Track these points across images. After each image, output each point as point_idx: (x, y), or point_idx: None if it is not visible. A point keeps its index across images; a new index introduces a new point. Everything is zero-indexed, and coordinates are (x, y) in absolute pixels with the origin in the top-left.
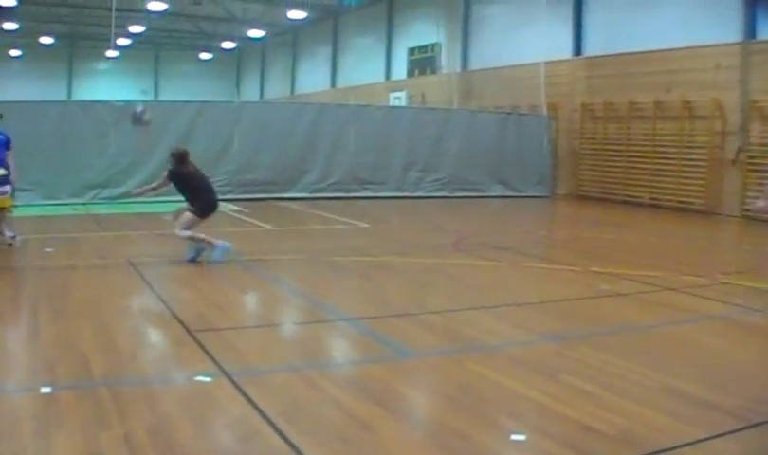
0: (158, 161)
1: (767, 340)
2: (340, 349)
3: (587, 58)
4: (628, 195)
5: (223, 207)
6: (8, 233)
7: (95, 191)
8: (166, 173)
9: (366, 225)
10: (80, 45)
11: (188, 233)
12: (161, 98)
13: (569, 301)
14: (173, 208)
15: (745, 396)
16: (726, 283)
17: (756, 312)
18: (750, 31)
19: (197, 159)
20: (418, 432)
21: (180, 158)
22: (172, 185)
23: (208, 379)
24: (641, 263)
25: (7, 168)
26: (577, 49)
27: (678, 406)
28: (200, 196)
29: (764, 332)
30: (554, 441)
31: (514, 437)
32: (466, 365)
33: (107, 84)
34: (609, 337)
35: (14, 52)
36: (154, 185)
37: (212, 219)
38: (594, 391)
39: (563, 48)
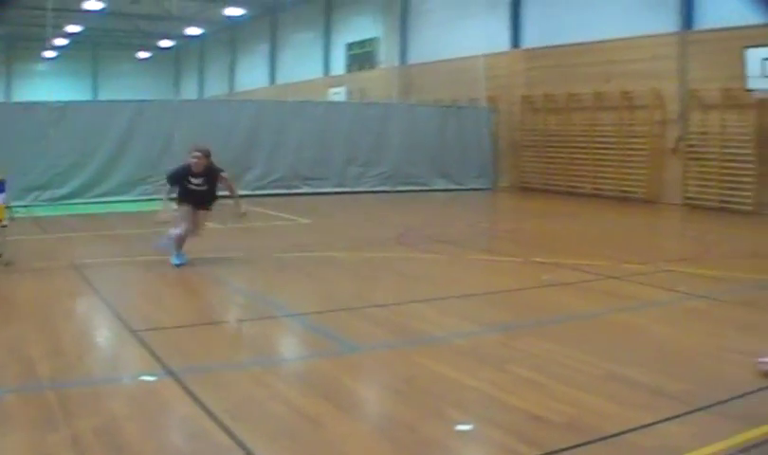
0: (100, 161)
1: (710, 326)
2: (287, 345)
3: (526, 50)
4: (570, 186)
5: (168, 205)
6: None
7: (35, 193)
8: (226, 175)
9: (309, 221)
10: (17, 46)
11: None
12: (100, 97)
13: (513, 292)
14: (107, 208)
15: (690, 381)
16: (669, 271)
17: (699, 298)
18: (687, 21)
19: (137, 158)
20: (366, 426)
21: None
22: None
23: (153, 379)
24: (584, 253)
25: None
26: (516, 42)
27: (624, 392)
28: None
29: (707, 317)
30: (501, 430)
31: (460, 427)
32: (412, 358)
33: (46, 85)
34: (553, 327)
35: None
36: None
37: (145, 219)
38: (539, 380)
39: (502, 41)
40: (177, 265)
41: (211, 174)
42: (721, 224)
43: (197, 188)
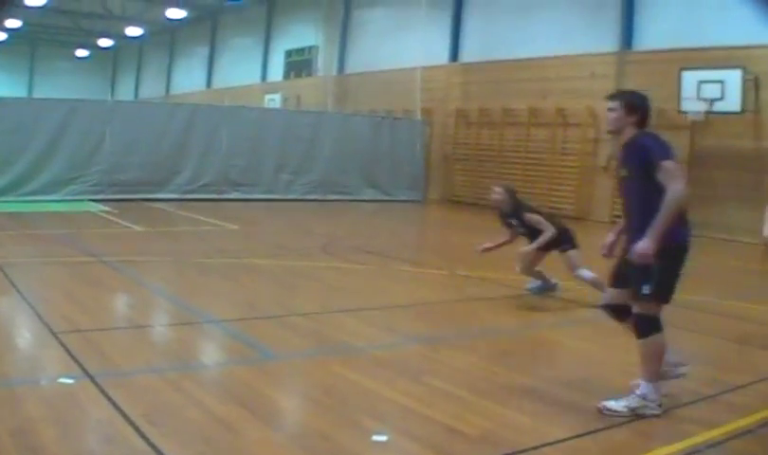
0: (29, 159)
1: (628, 342)
2: (206, 351)
3: (463, 64)
4: None
5: (92, 207)
6: None
7: None
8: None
9: (235, 227)
10: None
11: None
12: (35, 95)
13: (436, 304)
14: (35, 207)
15: (605, 396)
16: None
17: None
18: (626, 41)
19: (68, 157)
20: (281, 434)
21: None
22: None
23: (71, 381)
24: (509, 267)
25: None
26: (454, 55)
27: (541, 407)
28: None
29: (626, 334)
30: (416, 442)
31: (376, 438)
32: (330, 367)
33: None
34: (474, 340)
35: None
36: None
37: (80, 219)
38: (457, 393)
39: (440, 54)
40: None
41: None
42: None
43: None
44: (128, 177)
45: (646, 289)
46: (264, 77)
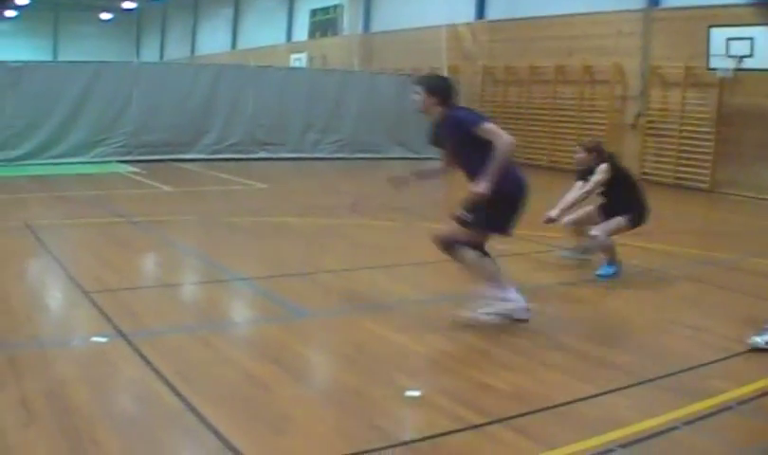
0: (56, 123)
1: (659, 299)
2: (236, 309)
3: (489, 22)
4: (526, 158)
5: (120, 168)
6: None
7: None
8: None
9: (263, 186)
10: None
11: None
12: (60, 59)
13: None
14: (62, 170)
15: (636, 353)
16: (622, 244)
17: (649, 272)
18: None
19: (94, 120)
20: (314, 390)
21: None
22: None
23: (104, 340)
24: (537, 224)
25: None
26: (480, 13)
27: (571, 363)
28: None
29: (656, 291)
30: (448, 397)
31: (409, 393)
32: (361, 324)
33: (6, 45)
34: None
35: None
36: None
37: (108, 180)
38: (488, 349)
39: (466, 12)
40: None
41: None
42: (675, 200)
43: None
44: (155, 138)
45: (467, 217)
46: (289, 37)
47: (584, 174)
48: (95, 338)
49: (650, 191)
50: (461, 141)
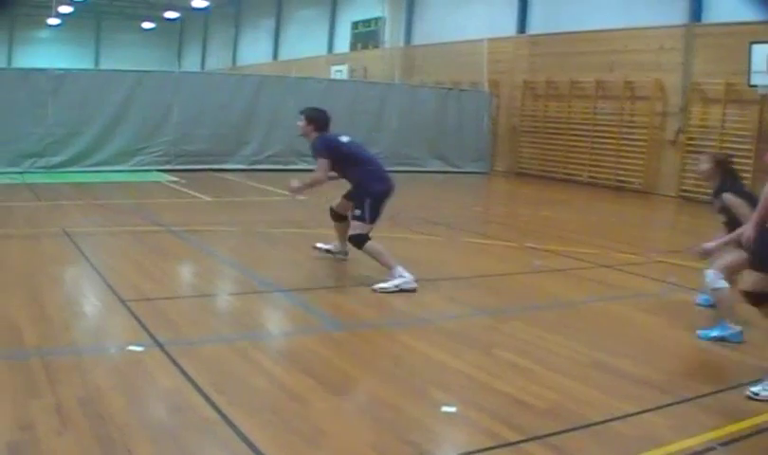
0: (96, 130)
1: (697, 318)
2: (273, 320)
3: (530, 36)
4: (566, 173)
5: (159, 177)
6: None
7: (31, 160)
8: None
9: (302, 197)
10: (20, 12)
11: None
12: (102, 67)
13: (503, 276)
14: (102, 177)
15: (674, 372)
16: (660, 262)
17: (687, 290)
18: (695, 14)
19: (135, 128)
20: (349, 404)
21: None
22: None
23: (140, 349)
24: (576, 241)
25: None
26: (521, 27)
27: (608, 381)
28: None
29: (695, 310)
30: (484, 413)
31: (445, 409)
32: (398, 337)
33: (48, 53)
34: (542, 312)
35: None
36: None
37: (147, 189)
38: (525, 365)
39: (507, 26)
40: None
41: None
42: (714, 217)
43: None
44: (195, 148)
45: (358, 213)
46: (330, 48)
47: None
48: (131, 347)
49: (689, 208)
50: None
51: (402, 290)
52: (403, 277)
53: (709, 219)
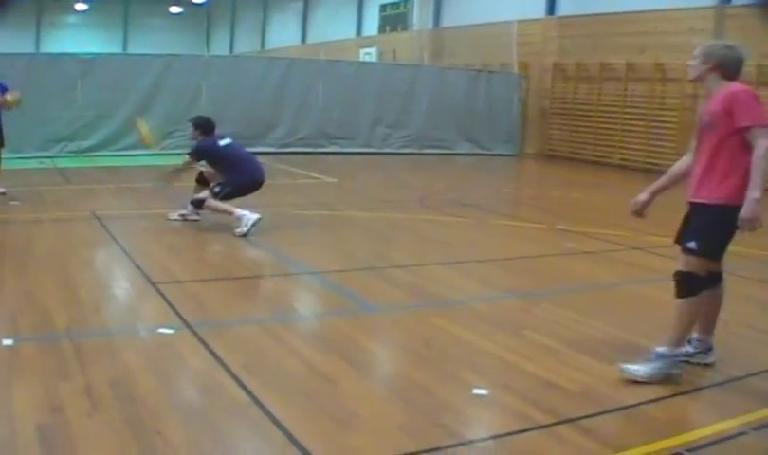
0: (125, 114)
1: (730, 302)
2: (304, 302)
3: (560, 18)
4: (596, 156)
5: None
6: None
7: (61, 145)
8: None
9: (333, 180)
10: None
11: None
12: (130, 52)
13: (534, 259)
14: (132, 161)
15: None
16: None
17: (724, 273)
18: None
19: (164, 112)
20: (381, 386)
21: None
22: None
23: (170, 331)
24: (608, 223)
25: None
26: (551, 9)
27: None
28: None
29: (727, 293)
30: (516, 396)
31: (476, 391)
32: (430, 320)
33: (76, 38)
34: (573, 295)
35: None
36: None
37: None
38: (557, 348)
39: (536, 7)
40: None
41: None
42: None
43: None
44: (225, 131)
45: (217, 190)
46: (359, 31)
47: None
48: (161, 329)
49: None
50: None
51: (253, 225)
52: (243, 214)
53: None
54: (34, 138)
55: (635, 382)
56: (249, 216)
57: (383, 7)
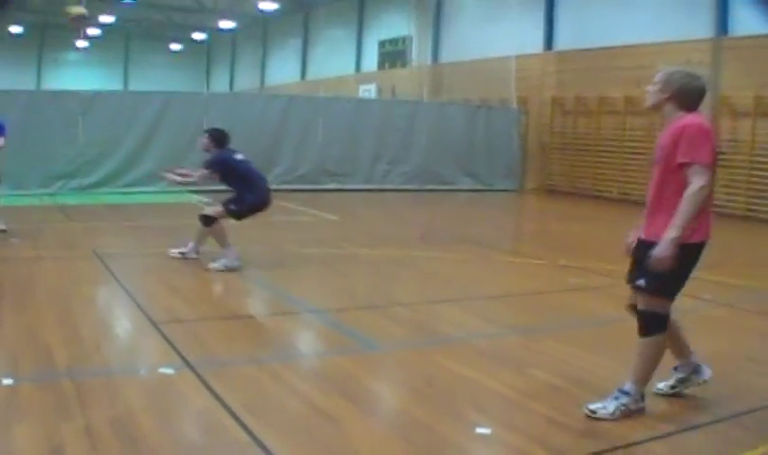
0: (126, 151)
1: (733, 334)
2: (306, 341)
3: (558, 52)
4: (596, 190)
5: (190, 198)
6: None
7: (62, 182)
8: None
9: (333, 217)
10: (50, 34)
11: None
12: (131, 88)
13: (536, 295)
14: (132, 198)
15: (711, 390)
16: (693, 278)
17: (722, 306)
18: (721, 27)
19: (164, 149)
20: (383, 424)
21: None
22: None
23: (171, 371)
24: (609, 257)
25: None
26: (549, 43)
27: (646, 400)
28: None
29: (730, 326)
30: (519, 434)
31: (479, 430)
32: (432, 357)
33: (77, 75)
34: (576, 331)
35: None
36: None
37: (177, 210)
38: (560, 385)
39: (534, 42)
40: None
41: None
42: (747, 233)
43: None
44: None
45: (232, 207)
46: (358, 67)
47: None
48: (162, 369)
49: (721, 223)
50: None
51: (228, 268)
52: (234, 255)
53: (743, 233)
54: (35, 175)
55: (636, 419)
56: (235, 261)
57: (382, 43)
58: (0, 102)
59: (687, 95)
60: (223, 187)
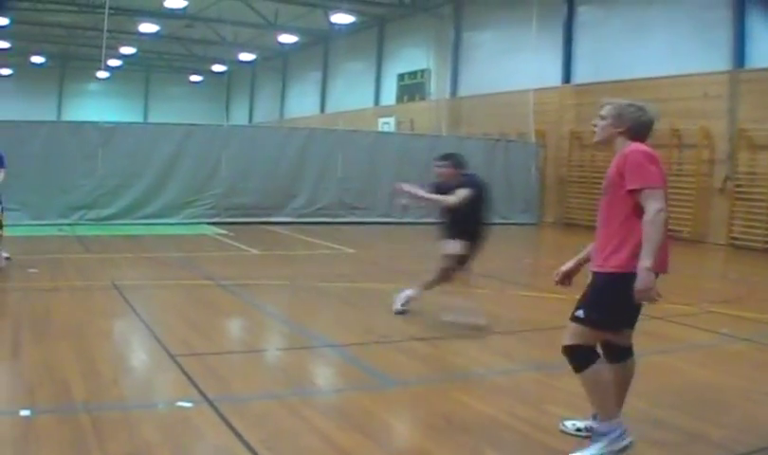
0: (146, 183)
1: (753, 370)
2: (324, 376)
3: (576, 86)
4: None
5: (208, 230)
6: (3, 253)
7: (81, 212)
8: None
9: (352, 250)
10: (71, 65)
11: None
12: (151, 120)
13: (554, 330)
14: (151, 230)
15: (730, 426)
16: (712, 312)
17: (741, 341)
18: (739, 59)
19: (184, 181)
20: None
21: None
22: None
23: (189, 405)
24: None
25: None
26: (567, 77)
27: (665, 436)
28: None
29: (750, 361)
30: None
31: None
32: (450, 393)
33: (97, 105)
34: None
35: (5, 71)
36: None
37: (196, 242)
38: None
39: (552, 76)
40: None
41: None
42: (766, 265)
43: None
44: (244, 201)
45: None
46: (377, 101)
47: None
48: (180, 403)
49: (740, 256)
50: None
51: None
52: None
53: (763, 267)
54: (55, 206)
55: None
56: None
57: (401, 76)
58: (22, 133)
59: (640, 128)
60: (245, 219)
